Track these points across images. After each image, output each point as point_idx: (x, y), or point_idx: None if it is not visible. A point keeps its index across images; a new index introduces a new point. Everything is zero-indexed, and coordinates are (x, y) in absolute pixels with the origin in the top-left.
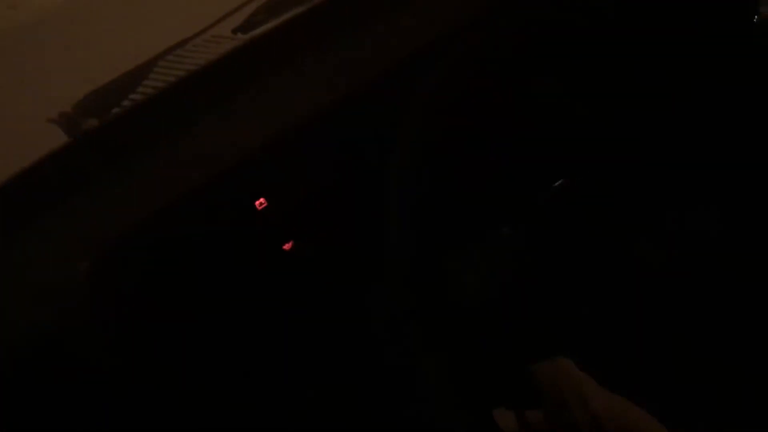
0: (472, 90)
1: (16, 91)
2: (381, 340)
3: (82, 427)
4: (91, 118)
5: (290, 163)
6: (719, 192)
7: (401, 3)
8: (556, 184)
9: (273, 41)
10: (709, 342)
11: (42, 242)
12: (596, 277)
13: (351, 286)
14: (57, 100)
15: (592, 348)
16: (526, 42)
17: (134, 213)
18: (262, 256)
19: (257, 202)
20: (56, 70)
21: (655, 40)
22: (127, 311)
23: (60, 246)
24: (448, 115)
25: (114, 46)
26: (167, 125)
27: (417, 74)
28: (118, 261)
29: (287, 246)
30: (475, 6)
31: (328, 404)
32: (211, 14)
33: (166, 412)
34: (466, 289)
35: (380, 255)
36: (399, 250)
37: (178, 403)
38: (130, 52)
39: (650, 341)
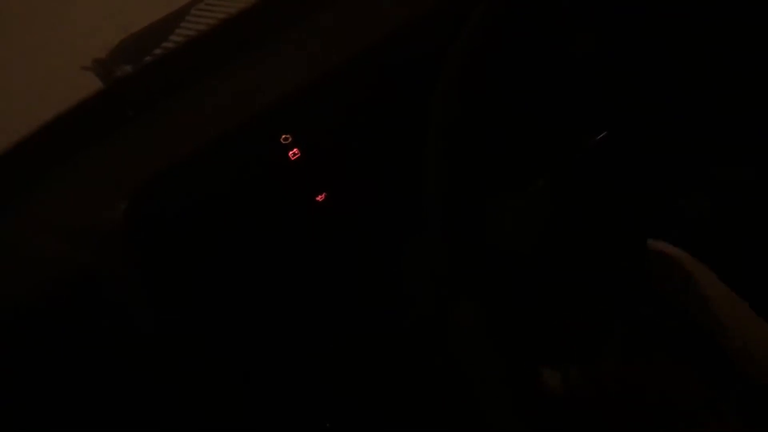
0: (510, 41)
1: (51, 39)
2: (413, 292)
3: (109, 370)
4: (125, 65)
5: (324, 113)
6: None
7: None
8: (597, 138)
9: None
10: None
11: (77, 185)
12: (632, 230)
13: (383, 238)
14: (91, 47)
15: (630, 304)
16: None
17: (167, 158)
18: (294, 206)
19: (290, 153)
20: (90, 18)
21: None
22: (162, 252)
23: (95, 189)
24: (488, 63)
25: None
26: (200, 72)
27: (457, 18)
28: (153, 203)
29: (320, 197)
30: None
31: (355, 357)
32: None
33: (198, 359)
34: (504, 237)
35: (414, 209)
36: (437, 195)
37: (210, 350)
38: (164, 1)
39: None
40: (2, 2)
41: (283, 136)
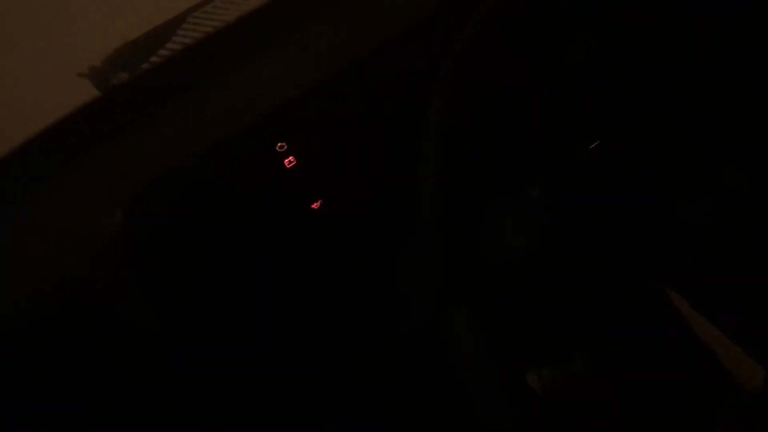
0: (509, 45)
1: (46, 45)
2: (408, 298)
3: (107, 376)
4: (121, 73)
5: (320, 121)
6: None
7: None
8: (591, 146)
9: None
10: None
11: (73, 193)
12: (628, 241)
13: (380, 247)
14: (87, 54)
15: (623, 312)
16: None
17: (163, 166)
18: (290, 214)
19: (286, 161)
20: (86, 24)
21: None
22: (158, 261)
23: (91, 197)
24: (483, 71)
25: (144, 1)
26: (197, 80)
27: (454, 26)
28: (149, 212)
29: (315, 205)
30: None
31: (351, 365)
32: None
33: (196, 365)
34: (498, 248)
35: (410, 215)
36: (431, 205)
37: (208, 356)
38: (161, 7)
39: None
40: None
41: (279, 144)
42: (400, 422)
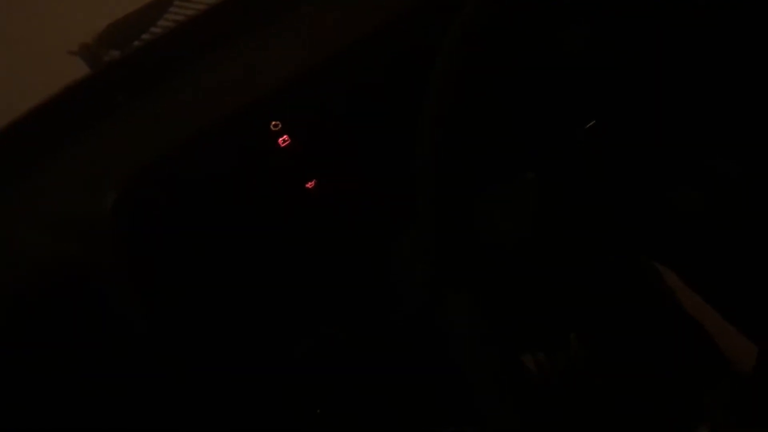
0: (504, 30)
1: (38, 24)
2: (403, 282)
3: (99, 364)
4: (113, 50)
5: (314, 100)
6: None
7: None
8: (586, 126)
9: None
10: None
11: (64, 175)
12: (622, 224)
13: (373, 227)
14: (78, 32)
15: (617, 297)
16: None
17: (157, 147)
18: (284, 193)
19: (280, 140)
20: (77, 2)
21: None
22: (151, 244)
23: (83, 179)
24: (479, 56)
25: None
26: (189, 60)
27: (451, 9)
28: (143, 194)
29: (310, 185)
30: None
31: (345, 348)
32: None
33: (184, 350)
34: (491, 233)
35: (404, 196)
36: (428, 188)
37: (199, 340)
38: None
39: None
40: None
41: (273, 123)
42: (394, 412)
